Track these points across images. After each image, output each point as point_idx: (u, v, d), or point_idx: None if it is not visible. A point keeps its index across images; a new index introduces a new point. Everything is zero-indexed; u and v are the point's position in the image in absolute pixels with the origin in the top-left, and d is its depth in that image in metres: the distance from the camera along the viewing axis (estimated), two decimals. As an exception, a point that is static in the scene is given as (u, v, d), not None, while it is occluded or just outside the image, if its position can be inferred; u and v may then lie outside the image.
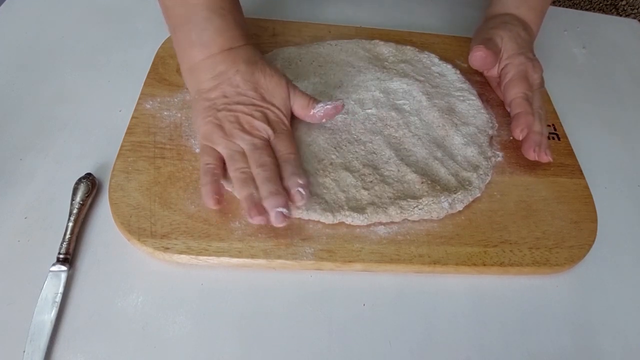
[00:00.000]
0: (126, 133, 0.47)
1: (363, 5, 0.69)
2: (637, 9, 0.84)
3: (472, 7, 0.72)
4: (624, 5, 0.85)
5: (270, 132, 0.44)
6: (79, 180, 0.43)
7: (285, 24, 0.61)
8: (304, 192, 0.41)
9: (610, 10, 0.87)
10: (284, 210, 0.40)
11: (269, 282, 0.41)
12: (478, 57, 0.53)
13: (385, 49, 0.59)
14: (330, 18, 0.64)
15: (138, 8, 0.63)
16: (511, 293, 0.43)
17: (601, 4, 0.87)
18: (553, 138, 0.54)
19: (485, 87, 0.58)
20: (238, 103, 0.44)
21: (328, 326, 0.40)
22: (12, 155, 0.46)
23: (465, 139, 0.50)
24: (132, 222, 0.41)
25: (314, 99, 0.47)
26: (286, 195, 0.41)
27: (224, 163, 0.44)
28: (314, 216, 0.43)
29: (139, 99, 0.50)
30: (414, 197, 0.44)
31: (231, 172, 0.42)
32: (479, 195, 0.47)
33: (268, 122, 0.45)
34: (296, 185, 0.41)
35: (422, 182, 0.45)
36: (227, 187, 0.44)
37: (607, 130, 0.59)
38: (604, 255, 0.47)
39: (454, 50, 0.61)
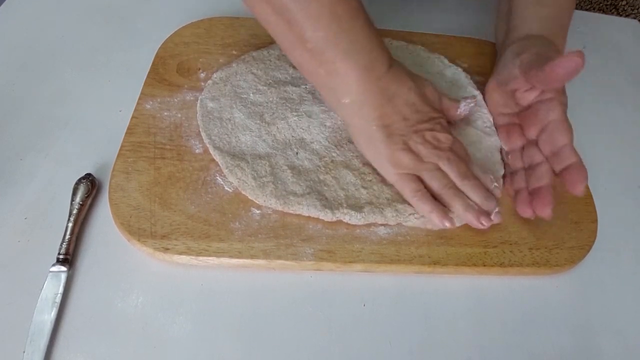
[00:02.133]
0: (126, 133, 0.47)
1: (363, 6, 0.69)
2: (637, 9, 0.84)
3: (473, 7, 0.72)
4: (624, 5, 0.85)
5: (451, 138, 0.45)
6: (79, 181, 0.43)
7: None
8: (499, 189, 0.46)
9: (610, 10, 0.87)
10: (498, 209, 0.44)
11: (268, 283, 0.41)
12: (574, 65, 0.39)
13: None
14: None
15: (138, 8, 0.63)
16: (511, 293, 0.43)
17: (601, 4, 0.87)
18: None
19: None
20: (419, 122, 0.44)
21: (328, 326, 0.40)
22: (12, 155, 0.46)
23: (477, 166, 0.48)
24: (132, 223, 0.41)
25: (456, 100, 0.48)
26: (491, 195, 0.44)
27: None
28: (314, 212, 0.43)
29: (139, 99, 0.50)
30: None
31: (440, 190, 0.43)
32: None
33: (447, 130, 0.45)
34: (491, 183, 0.46)
35: None
36: (227, 187, 0.44)
37: (607, 130, 0.59)
38: (604, 256, 0.47)
39: (454, 51, 0.61)
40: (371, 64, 0.41)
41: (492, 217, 0.43)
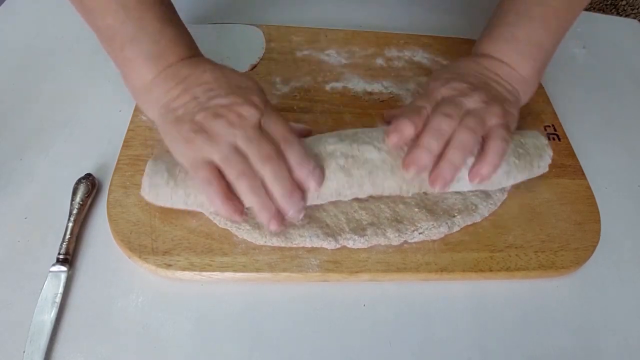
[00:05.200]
0: (122, 146, 0.45)
1: (359, 9, 0.68)
2: (637, 9, 0.84)
3: (473, 8, 0.72)
4: (624, 5, 0.85)
5: (258, 114, 0.38)
6: (79, 181, 0.43)
7: (279, 28, 0.60)
8: (318, 177, 0.38)
9: (610, 10, 0.87)
10: (302, 206, 0.38)
11: (269, 283, 0.41)
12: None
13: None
14: (326, 22, 0.64)
15: (138, 8, 0.63)
16: (512, 294, 0.43)
17: (601, 4, 0.87)
18: (553, 139, 0.54)
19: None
20: (213, 98, 0.39)
21: (328, 326, 0.39)
22: (12, 155, 0.46)
23: None
24: (132, 239, 0.40)
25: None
26: (298, 188, 0.38)
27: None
28: (317, 242, 0.41)
29: (134, 110, 0.49)
30: (412, 220, 0.43)
31: (232, 179, 0.37)
32: (479, 220, 0.45)
33: (253, 105, 0.39)
34: (308, 173, 0.38)
35: (420, 205, 0.44)
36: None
37: (607, 130, 0.59)
38: (607, 256, 0.46)
39: (452, 52, 0.61)
40: (160, 53, 0.40)
41: (290, 216, 0.37)
